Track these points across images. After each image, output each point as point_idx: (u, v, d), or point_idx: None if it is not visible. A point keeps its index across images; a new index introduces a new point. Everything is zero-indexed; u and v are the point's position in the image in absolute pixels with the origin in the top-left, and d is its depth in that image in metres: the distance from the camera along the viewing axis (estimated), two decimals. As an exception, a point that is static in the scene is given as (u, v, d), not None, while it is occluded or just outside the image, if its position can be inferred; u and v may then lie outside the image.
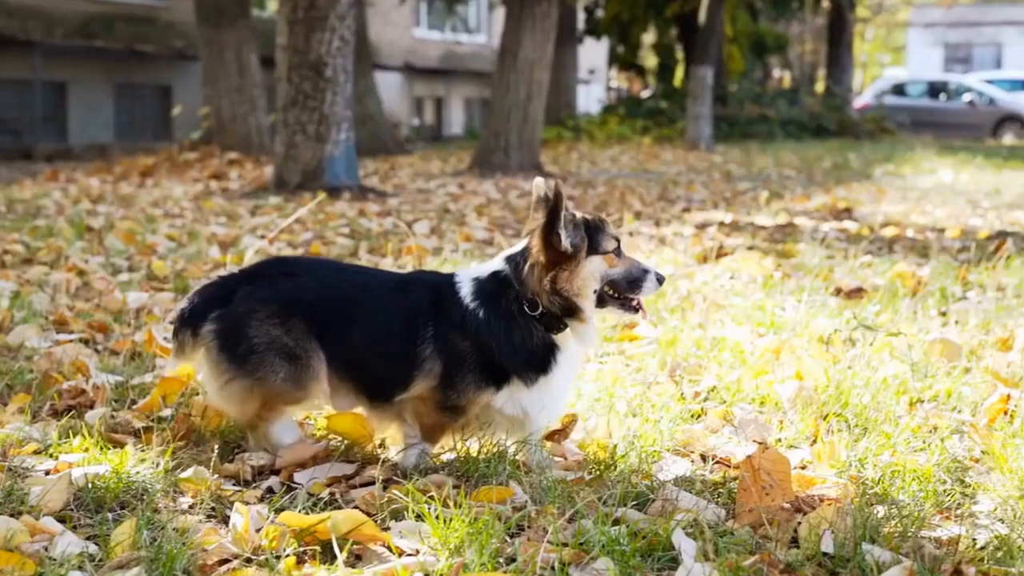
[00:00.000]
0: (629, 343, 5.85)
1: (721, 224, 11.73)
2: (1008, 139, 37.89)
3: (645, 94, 44.29)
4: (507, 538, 3.24)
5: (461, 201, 14.42)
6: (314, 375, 3.96)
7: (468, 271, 4.08)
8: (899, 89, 43.38)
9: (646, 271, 3.99)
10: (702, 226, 11.51)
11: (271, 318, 3.95)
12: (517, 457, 3.97)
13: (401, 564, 3.02)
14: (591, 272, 3.91)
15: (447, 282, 4.04)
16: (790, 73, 57.97)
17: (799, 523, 3.34)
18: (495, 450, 3.98)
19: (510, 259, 4.00)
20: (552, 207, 3.82)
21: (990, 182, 18.21)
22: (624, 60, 44.25)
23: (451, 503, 3.35)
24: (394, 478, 3.76)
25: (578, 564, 3.09)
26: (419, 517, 3.32)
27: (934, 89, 43.06)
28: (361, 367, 4.00)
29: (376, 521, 3.40)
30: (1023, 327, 6.09)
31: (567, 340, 3.98)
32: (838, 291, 7.27)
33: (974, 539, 3.30)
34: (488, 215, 12.63)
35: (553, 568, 3.03)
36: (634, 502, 3.57)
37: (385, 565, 3.03)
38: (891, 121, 37.72)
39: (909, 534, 3.28)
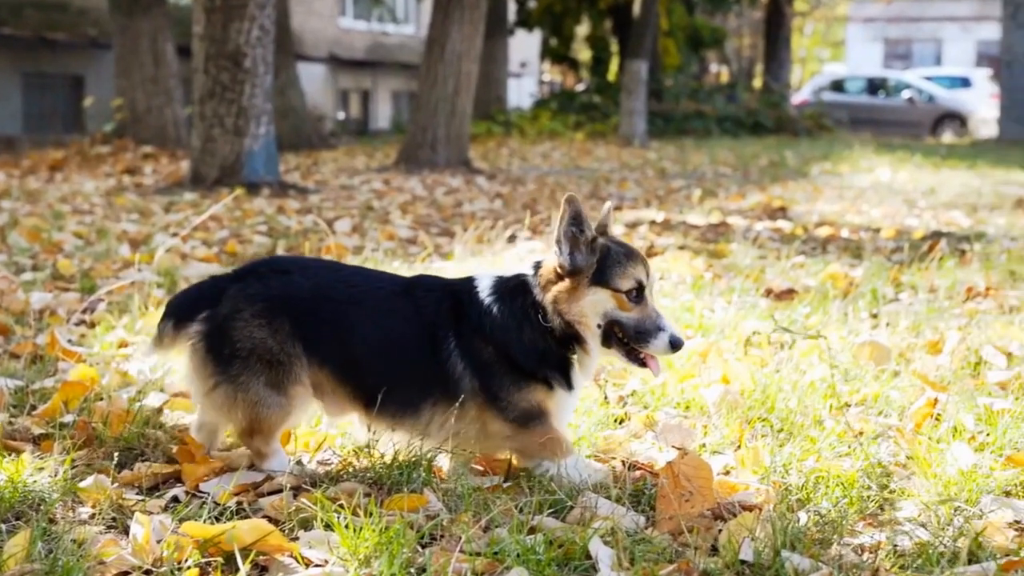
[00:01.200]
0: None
1: (652, 223, 11.81)
2: (947, 137, 38.46)
3: (579, 88, 44.48)
4: (419, 548, 3.25)
5: (386, 198, 14.39)
6: (296, 379, 3.92)
7: (492, 271, 4.09)
8: (838, 85, 43.92)
9: (659, 328, 3.85)
10: (633, 225, 11.58)
11: (256, 318, 3.92)
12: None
13: (307, 574, 3.01)
14: (592, 303, 3.84)
15: (465, 285, 4.03)
16: (728, 68, 58.50)
17: (720, 531, 3.38)
18: (410, 457, 3.98)
19: (537, 264, 4.01)
20: (561, 217, 3.81)
21: (928, 181, 18.48)
22: (557, 53, 44.37)
23: (361, 512, 3.36)
24: (304, 486, 3.75)
25: (491, 574, 3.10)
26: (328, 526, 3.32)
27: (873, 86, 43.64)
28: (362, 374, 3.95)
29: (284, 531, 3.40)
30: (953, 329, 6.19)
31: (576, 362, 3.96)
32: (769, 292, 7.35)
33: (895, 545, 3.36)
34: (413, 213, 12.62)
35: (465, 578, 3.05)
36: (551, 510, 3.59)
37: (290, 576, 3.03)
38: (829, 118, 38.13)
39: (831, 541, 3.34)
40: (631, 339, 3.86)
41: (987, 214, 13.31)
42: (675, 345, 3.86)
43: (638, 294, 3.86)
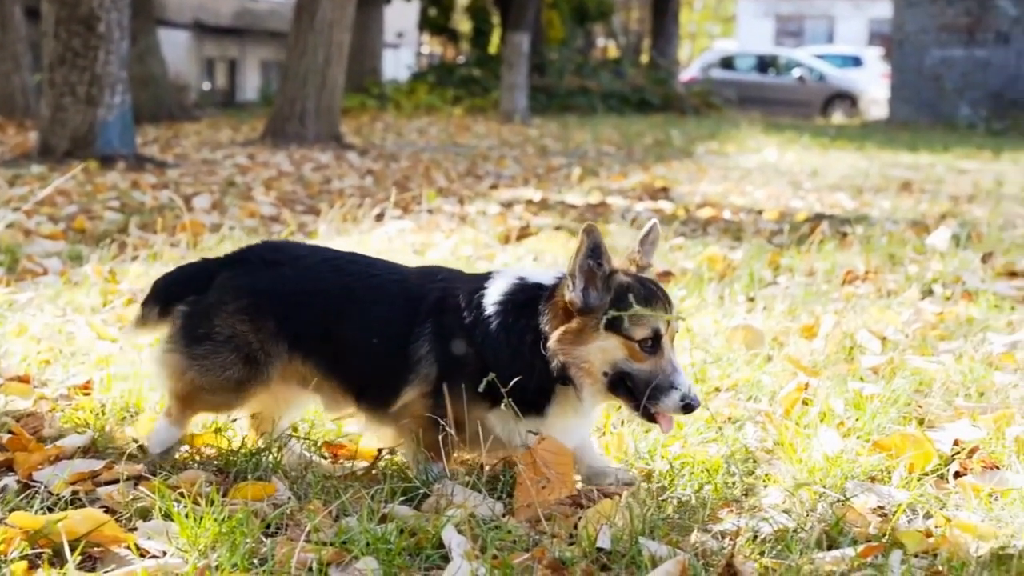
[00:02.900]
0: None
1: (529, 202, 11.88)
2: (837, 118, 39.22)
3: (459, 61, 44.45)
4: (264, 537, 3.25)
5: (250, 174, 14.26)
6: (262, 379, 3.88)
7: (515, 272, 3.88)
8: (727, 62, 44.52)
9: (673, 387, 3.59)
10: (509, 204, 11.64)
11: (240, 313, 3.88)
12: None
13: (142, 567, 3.00)
14: (600, 350, 3.61)
15: (474, 283, 3.85)
16: (615, 43, 58.88)
17: (579, 518, 3.44)
18: (258, 444, 3.98)
19: (557, 281, 3.75)
20: (578, 248, 3.59)
21: (815, 162, 18.83)
22: (436, 23, 44.24)
23: (203, 501, 3.35)
24: (144, 475, 3.73)
25: (339, 564, 3.12)
26: (168, 516, 3.31)
27: (763, 63, 44.33)
28: (348, 369, 3.89)
29: (122, 522, 3.37)
30: (830, 313, 6.34)
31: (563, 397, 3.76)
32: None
33: (756, 532, 3.44)
34: (278, 189, 12.53)
35: (311, 569, 3.06)
36: (404, 497, 3.62)
37: (123, 569, 3.01)
38: (718, 96, 38.64)
39: (691, 527, 3.41)
40: (640, 393, 3.60)
41: (872, 197, 13.61)
42: (687, 407, 3.60)
43: (654, 344, 3.61)
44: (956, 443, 4.30)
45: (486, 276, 3.88)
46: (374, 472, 3.89)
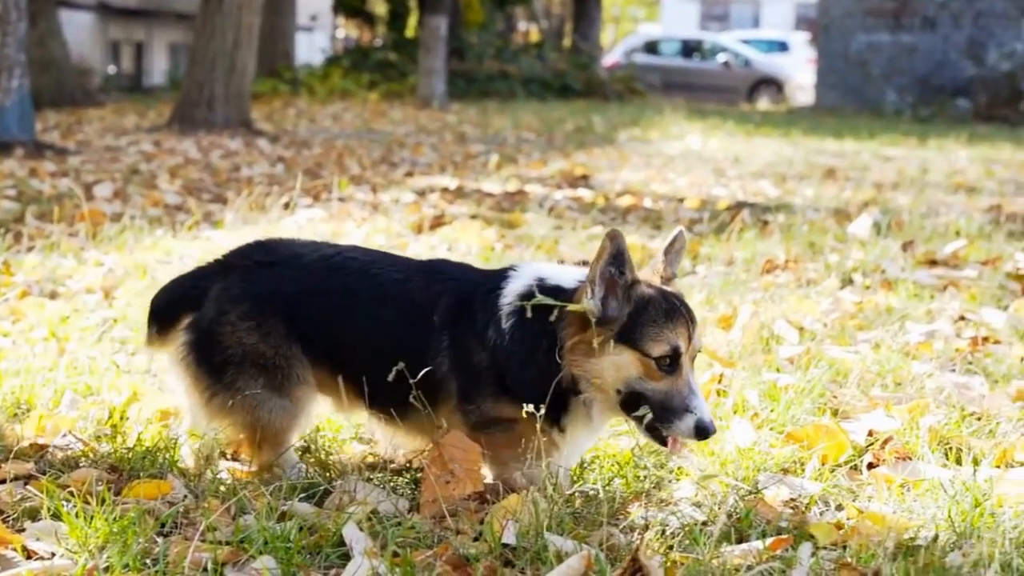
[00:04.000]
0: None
1: (445, 190, 11.88)
2: (763, 104, 39.56)
3: (375, 45, 44.29)
4: (157, 537, 3.24)
5: (155, 161, 14.13)
6: (298, 379, 3.82)
7: (534, 269, 3.81)
8: (651, 47, 44.72)
9: (687, 410, 3.50)
10: (424, 192, 11.63)
11: (244, 320, 3.81)
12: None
13: (27, 569, 2.98)
14: (614, 365, 3.53)
15: (489, 281, 3.78)
16: (537, 26, 58.96)
17: (486, 514, 3.46)
18: (154, 441, 3.96)
19: (579, 285, 3.66)
20: (600, 254, 3.50)
21: (739, 149, 18.98)
22: (351, 6, 44.07)
23: (94, 500, 3.32)
24: (34, 474, 3.70)
25: (235, 564, 3.11)
26: (57, 516, 3.28)
27: (688, 48, 44.57)
28: (356, 370, 3.80)
29: (10, 522, 3.34)
30: (748, 303, 6.41)
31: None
32: (562, 263, 7.46)
33: (665, 525, 3.48)
34: (184, 177, 12.42)
35: (206, 569, 3.05)
36: (304, 494, 3.62)
37: (9, 572, 2.98)
38: (641, 81, 38.79)
39: (598, 522, 3.44)
40: (655, 416, 3.52)
41: (796, 184, 13.75)
42: (702, 433, 3.51)
43: (672, 362, 3.51)
44: (870, 434, 4.38)
45: (502, 275, 3.80)
46: (275, 468, 3.88)
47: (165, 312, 4.00)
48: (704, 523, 3.51)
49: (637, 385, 3.52)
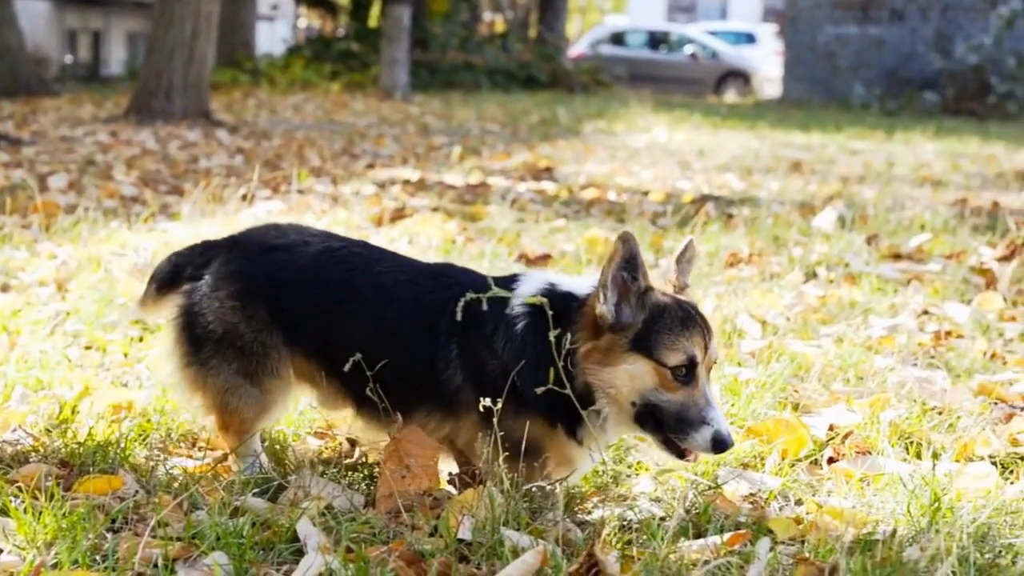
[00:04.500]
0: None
1: (407, 182, 11.86)
2: (730, 96, 39.65)
3: (338, 34, 44.14)
4: (108, 533, 3.23)
5: (111, 152, 14.06)
6: (272, 371, 3.80)
7: (543, 276, 3.75)
8: (618, 38, 44.74)
9: (704, 422, 3.42)
10: (385, 184, 11.61)
11: (231, 299, 3.80)
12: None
13: (-26, 565, 2.97)
14: (628, 375, 3.46)
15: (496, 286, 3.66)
16: (502, 17, 58.91)
17: (443, 509, 3.46)
18: (106, 436, 3.94)
19: (592, 291, 3.59)
20: (611, 257, 3.43)
21: (705, 142, 19.04)
22: (313, -6, 43.92)
23: (43, 495, 3.31)
24: (-18, 469, 3.69)
25: (186, 560, 3.11)
26: (5, 512, 3.27)
27: (655, 40, 44.62)
28: (350, 370, 3.69)
29: (-43, 519, 3.33)
30: (711, 297, 6.43)
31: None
32: (523, 257, 7.49)
33: (624, 520, 3.50)
34: (140, 168, 12.36)
35: (156, 565, 3.04)
36: (257, 489, 3.61)
37: (-45, 567, 2.98)
38: (607, 73, 38.80)
39: (557, 517, 3.45)
40: (669, 426, 3.46)
41: (761, 177, 13.80)
42: (719, 446, 3.43)
43: (688, 372, 3.44)
44: (831, 428, 4.42)
45: (510, 280, 3.74)
46: (229, 463, 3.88)
47: (167, 275, 4.02)
48: (662, 518, 3.53)
49: (652, 396, 3.44)
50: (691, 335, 3.44)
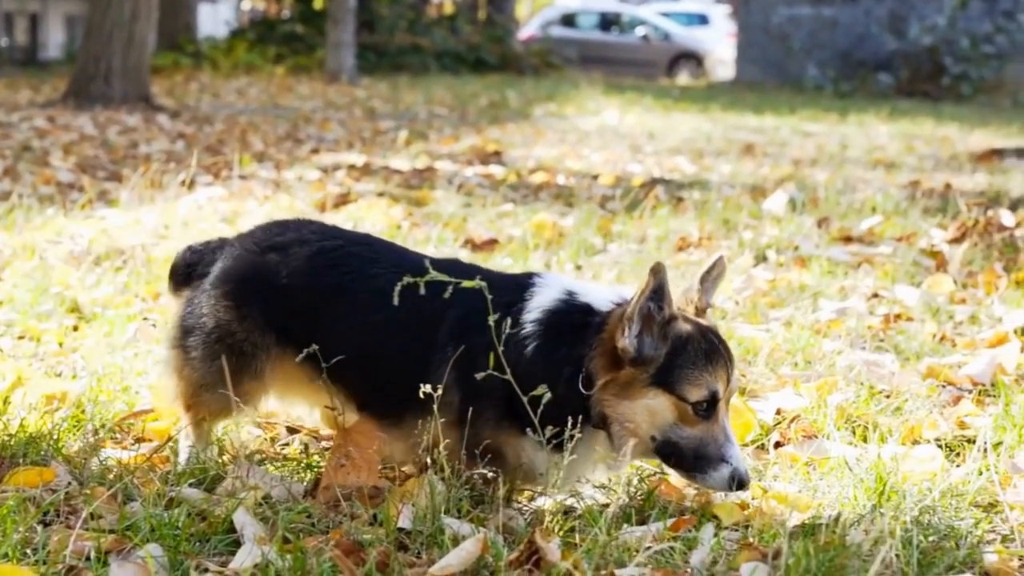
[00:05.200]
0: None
1: (352, 167, 11.83)
2: (683, 78, 39.76)
3: (282, 17, 43.93)
4: (39, 526, 3.21)
5: (48, 137, 13.95)
6: (253, 373, 3.79)
7: (561, 282, 3.65)
8: (568, 20, 44.76)
9: (723, 459, 3.37)
10: (329, 170, 11.58)
11: (225, 299, 3.82)
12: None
13: (-103, 561, 2.95)
14: (648, 410, 3.39)
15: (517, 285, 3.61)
16: (451, -2, 58.73)
17: (383, 499, 3.47)
18: (38, 427, 3.92)
19: (614, 308, 3.50)
20: (643, 289, 3.34)
21: (657, 125, 19.09)
22: (257, -24, 43.68)
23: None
24: (-91, 462, 3.66)
25: (120, 552, 3.10)
26: (-68, 507, 3.25)
27: (606, 21, 44.69)
28: (343, 374, 3.67)
29: None
30: (660, 282, 6.45)
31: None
32: (469, 242, 7.50)
33: (567, 507, 3.52)
34: (78, 154, 12.28)
35: (89, 558, 3.03)
36: (193, 480, 3.61)
37: None
38: (558, 55, 38.81)
39: (498, 505, 3.46)
40: (687, 461, 3.40)
41: (713, 160, 13.86)
42: (738, 484, 3.38)
43: (708, 407, 3.38)
44: (778, 412, 4.45)
45: (525, 284, 3.63)
46: (164, 453, 3.87)
47: (182, 274, 4.06)
48: (606, 505, 3.54)
49: (671, 433, 3.38)
50: (714, 369, 3.39)
